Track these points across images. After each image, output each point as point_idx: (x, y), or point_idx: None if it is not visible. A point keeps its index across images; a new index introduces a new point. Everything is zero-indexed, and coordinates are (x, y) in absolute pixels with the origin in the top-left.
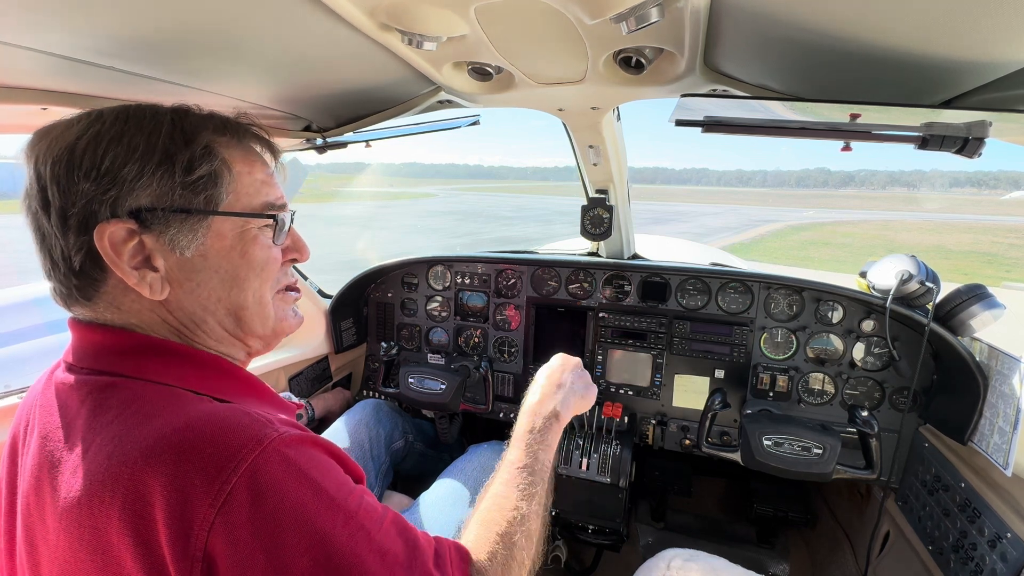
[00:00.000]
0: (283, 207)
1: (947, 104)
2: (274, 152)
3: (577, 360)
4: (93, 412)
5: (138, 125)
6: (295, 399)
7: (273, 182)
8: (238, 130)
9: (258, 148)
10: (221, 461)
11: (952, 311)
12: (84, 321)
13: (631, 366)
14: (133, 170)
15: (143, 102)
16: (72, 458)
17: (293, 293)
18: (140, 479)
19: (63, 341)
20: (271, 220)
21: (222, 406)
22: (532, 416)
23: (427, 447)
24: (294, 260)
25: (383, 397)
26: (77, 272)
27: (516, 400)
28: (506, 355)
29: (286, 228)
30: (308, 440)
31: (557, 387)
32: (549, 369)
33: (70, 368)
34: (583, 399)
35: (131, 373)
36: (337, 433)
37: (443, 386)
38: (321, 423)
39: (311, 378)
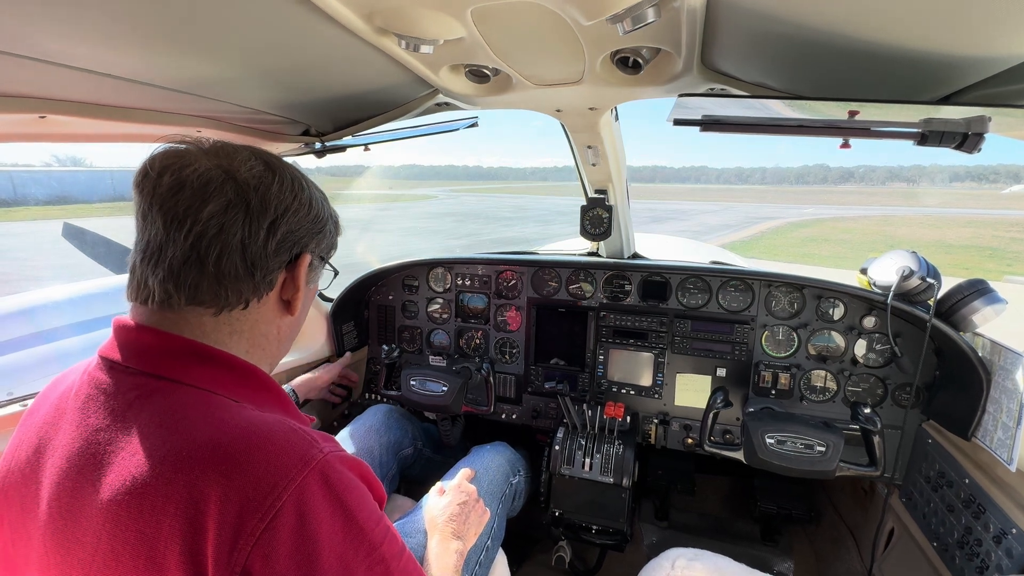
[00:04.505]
0: None
1: (945, 100)
2: None
3: (469, 489)
4: (141, 415)
5: (316, 189)
6: (298, 394)
7: None
8: None
9: None
10: (275, 476)
11: (954, 307)
12: (135, 322)
13: (632, 366)
14: (329, 226)
15: (145, 108)
16: (119, 461)
17: None
18: (195, 485)
19: (62, 348)
20: (334, 271)
21: (268, 416)
22: (454, 555)
23: (435, 453)
24: None
25: (385, 400)
26: (262, 281)
27: (518, 401)
28: (507, 356)
29: None
30: (347, 462)
31: (460, 534)
32: (453, 520)
33: (113, 366)
34: (480, 523)
35: (178, 377)
36: (346, 439)
37: (445, 388)
38: (327, 427)
39: None
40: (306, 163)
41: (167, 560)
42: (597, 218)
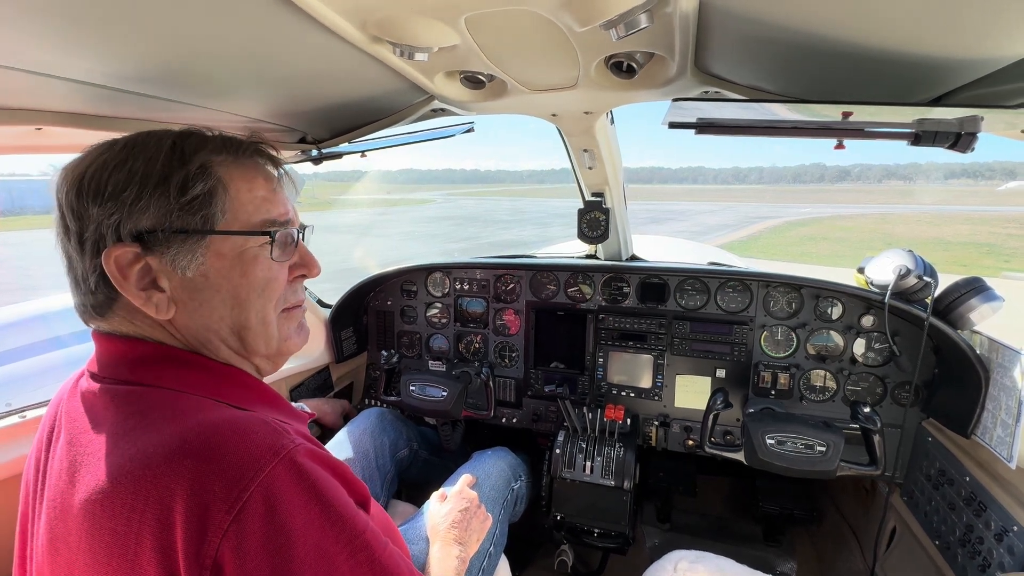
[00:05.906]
0: (287, 222)
1: (937, 101)
2: (277, 165)
3: (470, 496)
4: (116, 418)
5: (142, 149)
6: (307, 408)
7: (276, 198)
8: (238, 147)
9: (261, 162)
10: (240, 469)
11: (951, 305)
12: (105, 332)
13: (632, 368)
14: (132, 193)
15: (140, 119)
16: (95, 463)
17: (296, 309)
18: (162, 482)
19: (66, 357)
20: (267, 237)
21: (240, 412)
22: (456, 562)
23: (432, 455)
24: (303, 276)
25: (385, 406)
26: (93, 291)
27: (518, 405)
28: (507, 360)
29: (293, 243)
30: (320, 457)
31: (462, 541)
32: (455, 527)
33: (93, 377)
34: (482, 529)
35: (151, 382)
36: (341, 443)
37: (444, 393)
38: (323, 433)
39: (313, 388)
40: (303, 169)
41: (140, 558)
42: (594, 221)
